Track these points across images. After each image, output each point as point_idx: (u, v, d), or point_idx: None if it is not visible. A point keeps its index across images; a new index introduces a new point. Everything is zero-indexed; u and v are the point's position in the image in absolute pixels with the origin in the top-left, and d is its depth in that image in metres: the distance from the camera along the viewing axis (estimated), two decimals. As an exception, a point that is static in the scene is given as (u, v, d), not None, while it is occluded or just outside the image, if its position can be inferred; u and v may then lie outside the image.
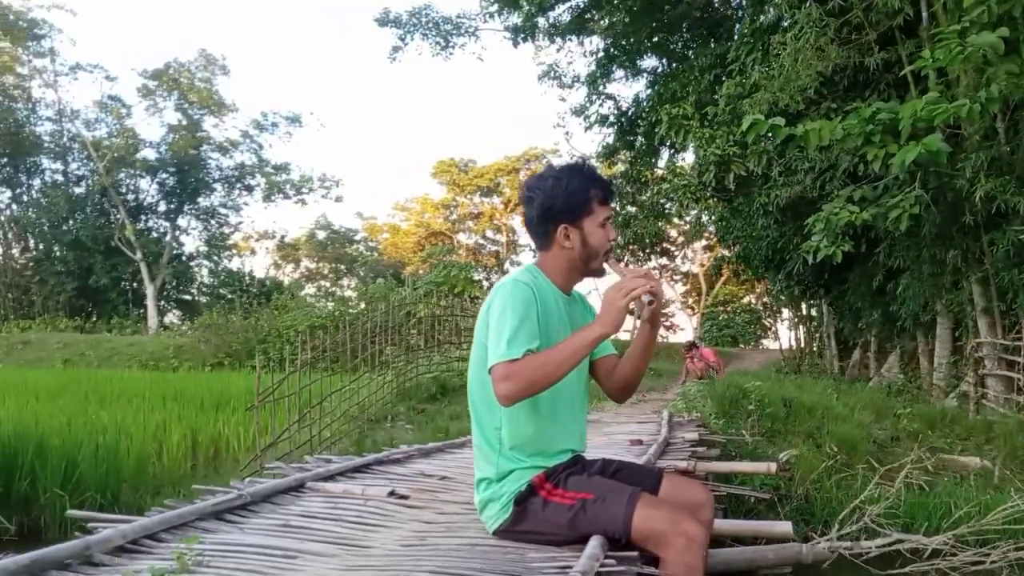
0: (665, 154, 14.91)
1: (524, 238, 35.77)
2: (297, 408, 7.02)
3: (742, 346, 26.53)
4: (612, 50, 15.28)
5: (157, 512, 2.43)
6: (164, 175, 28.01)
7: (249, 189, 29.06)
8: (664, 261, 29.55)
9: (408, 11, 17.33)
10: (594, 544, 2.02)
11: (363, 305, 19.70)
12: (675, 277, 32.63)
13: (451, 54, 17.66)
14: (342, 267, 37.01)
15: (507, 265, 34.00)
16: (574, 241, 2.26)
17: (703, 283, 31.27)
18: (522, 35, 15.55)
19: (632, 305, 2.12)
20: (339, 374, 8.55)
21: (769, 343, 27.07)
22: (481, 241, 36.22)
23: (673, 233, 26.49)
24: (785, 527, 3.04)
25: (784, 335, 25.57)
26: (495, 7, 15.82)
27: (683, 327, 33.30)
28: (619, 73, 16.47)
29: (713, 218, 14.96)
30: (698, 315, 31.01)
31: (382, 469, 3.60)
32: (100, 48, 61.33)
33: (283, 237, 35.50)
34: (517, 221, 35.29)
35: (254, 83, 59.21)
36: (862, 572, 4.70)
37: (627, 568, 1.97)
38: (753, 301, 30.41)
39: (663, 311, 2.25)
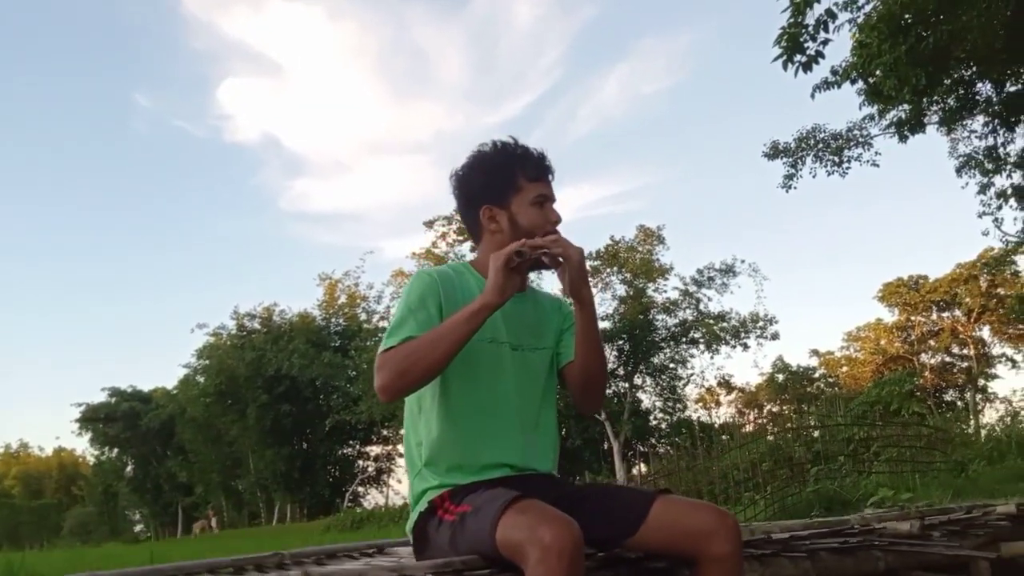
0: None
1: (997, 348, 31.29)
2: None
3: None
4: (1015, 116, 13.94)
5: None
6: (619, 341, 31.03)
7: (694, 342, 30.68)
8: None
9: (796, 137, 17.69)
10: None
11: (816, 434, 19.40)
12: None
13: (847, 170, 17.38)
14: (804, 406, 36.10)
15: (980, 381, 29.85)
16: (501, 224, 2.00)
17: None
18: (908, 128, 14.98)
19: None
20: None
21: None
22: (948, 359, 32.51)
23: None
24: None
25: None
26: (875, 108, 15.57)
27: None
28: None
29: None
30: None
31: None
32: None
33: (728, 380, 36.06)
34: (985, 331, 31.12)
35: (685, 242, 62.25)
36: None
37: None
38: None
39: (580, 280, 1.90)
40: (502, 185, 2.00)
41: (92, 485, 56.06)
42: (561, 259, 1.88)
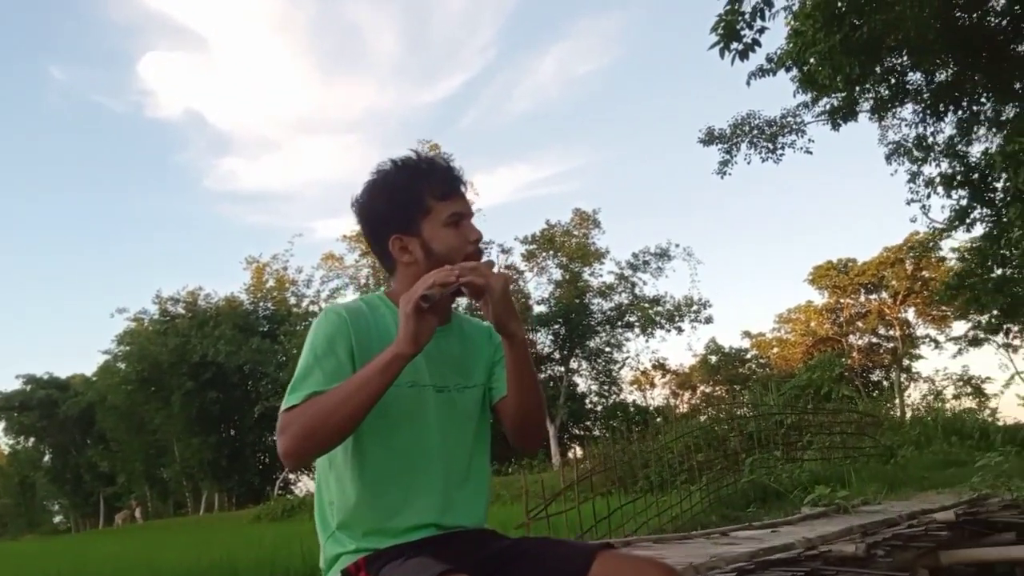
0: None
1: (921, 329, 32.32)
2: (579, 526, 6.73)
3: None
4: (943, 105, 14.15)
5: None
6: (555, 326, 31.03)
7: (629, 326, 30.89)
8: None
9: (731, 124, 17.65)
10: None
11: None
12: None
13: (781, 156, 17.43)
14: (737, 387, 36.81)
15: (905, 361, 30.83)
16: (414, 253, 1.74)
17: None
18: (840, 116, 15.06)
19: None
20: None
21: None
22: (875, 340, 33.49)
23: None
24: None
25: None
26: (808, 96, 15.61)
27: None
28: (981, 131, 15.11)
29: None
30: None
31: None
32: (494, 229, 69.37)
33: (663, 362, 36.55)
34: (910, 313, 32.09)
35: (620, 225, 62.83)
36: None
37: None
38: None
39: (506, 313, 1.64)
40: (409, 210, 1.75)
41: (7, 476, 53.94)
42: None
